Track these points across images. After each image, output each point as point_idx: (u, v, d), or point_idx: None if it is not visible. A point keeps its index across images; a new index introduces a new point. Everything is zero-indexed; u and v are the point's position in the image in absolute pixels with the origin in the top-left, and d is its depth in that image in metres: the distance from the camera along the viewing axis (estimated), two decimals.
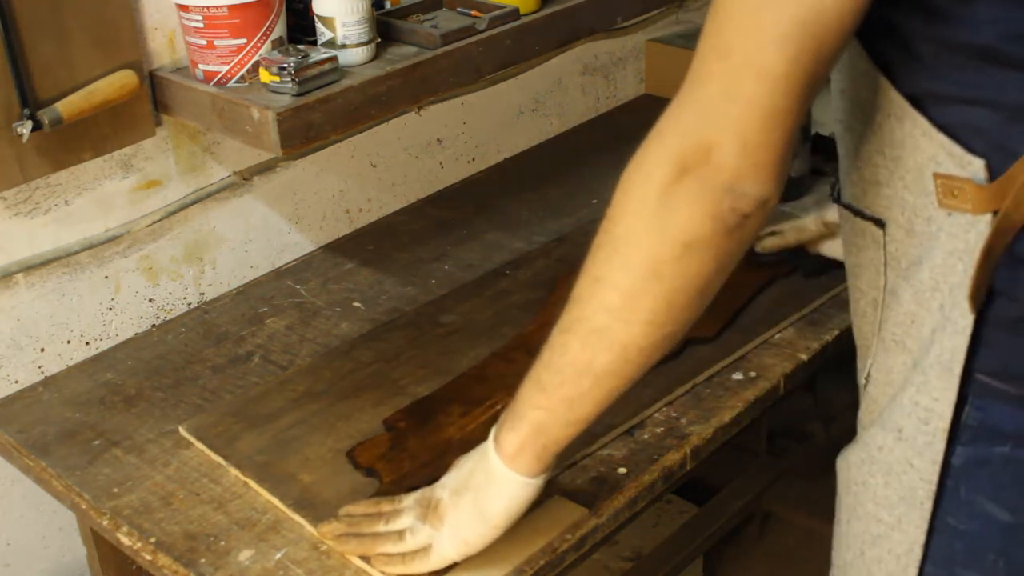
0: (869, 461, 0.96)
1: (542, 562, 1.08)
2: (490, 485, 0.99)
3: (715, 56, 0.80)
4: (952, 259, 0.86)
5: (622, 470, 1.17)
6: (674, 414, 1.25)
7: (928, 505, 0.91)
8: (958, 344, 0.87)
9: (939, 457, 0.90)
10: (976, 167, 0.83)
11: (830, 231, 1.43)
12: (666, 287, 0.85)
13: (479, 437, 1.03)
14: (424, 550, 1.02)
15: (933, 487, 0.91)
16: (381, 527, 1.06)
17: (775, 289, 1.45)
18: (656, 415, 1.26)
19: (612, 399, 0.93)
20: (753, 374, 1.31)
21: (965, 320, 0.86)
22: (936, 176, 0.85)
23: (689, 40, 2.13)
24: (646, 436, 1.23)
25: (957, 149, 0.83)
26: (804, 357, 1.33)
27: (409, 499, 1.06)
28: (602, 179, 1.81)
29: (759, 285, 1.44)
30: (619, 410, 1.24)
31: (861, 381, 1.01)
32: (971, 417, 0.89)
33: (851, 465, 0.99)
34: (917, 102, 0.85)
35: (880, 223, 0.93)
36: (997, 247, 0.84)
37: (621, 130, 1.99)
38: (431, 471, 1.13)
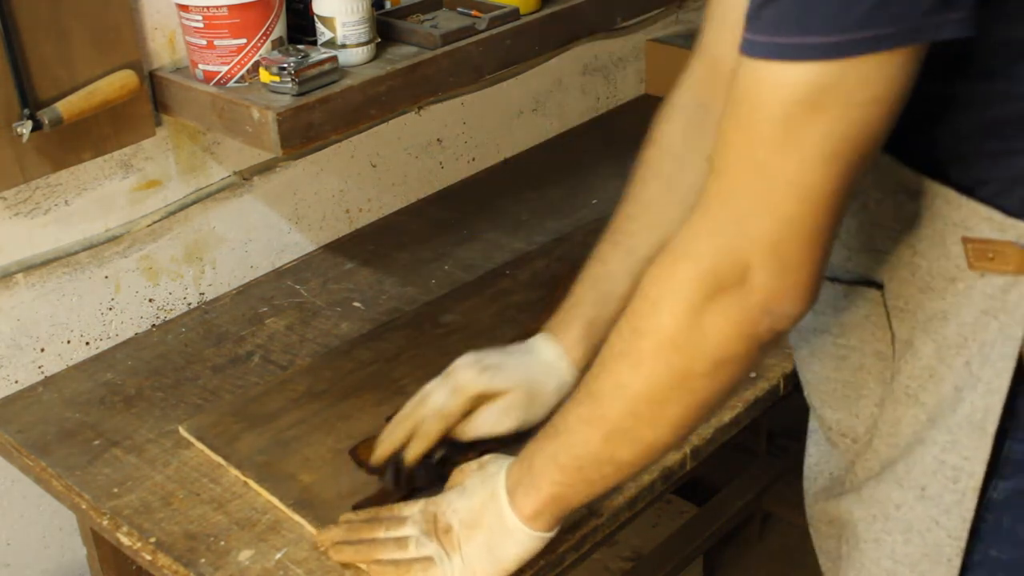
0: (883, 518, 0.94)
1: (542, 562, 1.08)
2: (505, 536, 0.99)
3: (750, 170, 0.76)
4: (986, 318, 0.84)
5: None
6: None
7: (956, 563, 0.90)
8: (992, 404, 0.85)
9: (969, 515, 0.88)
10: (1020, 230, 0.81)
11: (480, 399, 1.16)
12: (696, 398, 0.85)
13: None
14: (425, 562, 1.01)
15: (962, 544, 0.89)
16: (381, 534, 1.05)
17: None
18: None
19: (632, 478, 0.95)
20: (753, 374, 1.31)
21: (1000, 380, 0.84)
22: (967, 240, 0.83)
23: (689, 40, 2.13)
24: None
25: (997, 215, 0.81)
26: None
27: (411, 509, 1.05)
28: (602, 179, 1.81)
29: None
30: None
31: (859, 430, 0.99)
32: (1013, 451, 0.87)
33: (857, 521, 0.97)
34: (937, 169, 0.83)
35: (875, 284, 0.92)
36: None
37: (621, 130, 1.99)
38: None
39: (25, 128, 1.25)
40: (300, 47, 1.33)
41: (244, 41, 1.32)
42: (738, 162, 0.77)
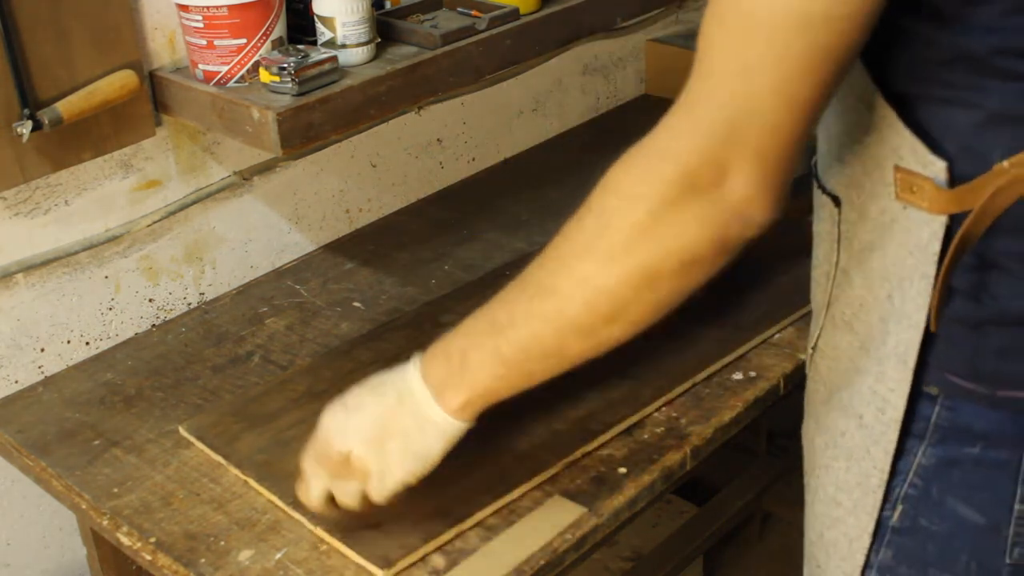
0: (833, 445, 0.98)
1: (542, 562, 1.08)
2: (427, 430, 0.99)
3: (738, 76, 0.78)
4: (903, 252, 0.86)
5: (622, 470, 1.17)
6: (674, 414, 1.25)
7: (879, 493, 0.93)
8: (912, 338, 0.87)
9: (891, 447, 0.91)
10: (937, 168, 0.83)
11: None
12: (658, 297, 0.86)
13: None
14: (363, 496, 1.03)
15: (884, 475, 0.92)
16: (313, 505, 1.06)
17: (775, 288, 1.45)
18: (656, 415, 1.26)
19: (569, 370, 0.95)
20: (753, 374, 1.31)
21: (919, 315, 0.86)
22: (897, 169, 0.85)
23: (689, 40, 2.13)
24: (646, 436, 1.23)
25: (920, 147, 0.83)
26: (804, 357, 1.33)
27: (305, 463, 1.05)
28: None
29: None
30: (619, 409, 1.25)
31: (809, 349, 1.02)
32: (941, 417, 0.90)
33: (816, 448, 1.01)
34: (890, 94, 0.85)
35: (837, 200, 0.94)
36: (959, 250, 0.84)
37: (621, 130, 1.99)
38: None
39: (25, 128, 1.25)
40: (300, 47, 1.33)
41: (244, 41, 1.32)
42: (725, 67, 0.79)
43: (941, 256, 0.84)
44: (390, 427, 1.00)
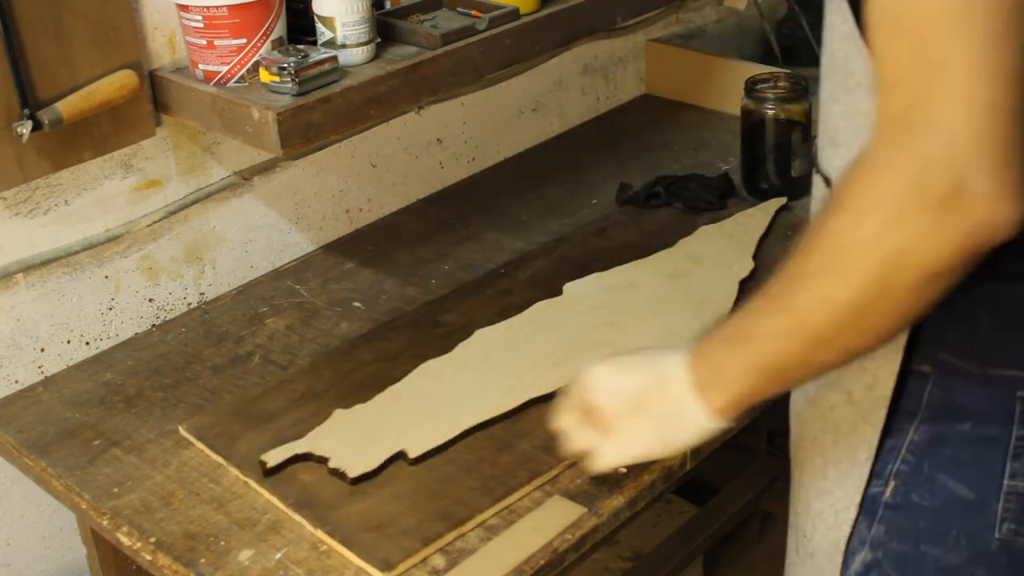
0: (820, 419, 0.99)
1: (542, 562, 1.08)
2: (681, 421, 0.98)
3: (927, 71, 0.75)
4: None
5: (622, 470, 1.17)
6: None
7: (867, 468, 0.95)
8: None
9: (880, 423, 0.93)
10: None
11: None
12: (904, 308, 0.83)
13: None
14: (587, 455, 1.04)
15: (873, 450, 0.94)
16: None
17: None
18: None
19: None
20: None
21: None
22: None
23: (689, 40, 2.13)
24: None
25: None
26: None
27: (565, 399, 1.06)
28: (602, 179, 1.81)
29: None
30: None
31: None
32: (933, 395, 0.91)
33: (804, 421, 1.02)
34: None
35: (829, 182, 0.94)
36: None
37: (621, 130, 1.99)
38: None
39: (25, 128, 1.25)
40: (300, 47, 1.33)
41: (244, 41, 1.32)
42: (914, 69, 0.76)
43: None
44: (647, 402, 0.99)
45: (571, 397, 1.06)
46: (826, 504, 1.00)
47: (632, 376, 1.02)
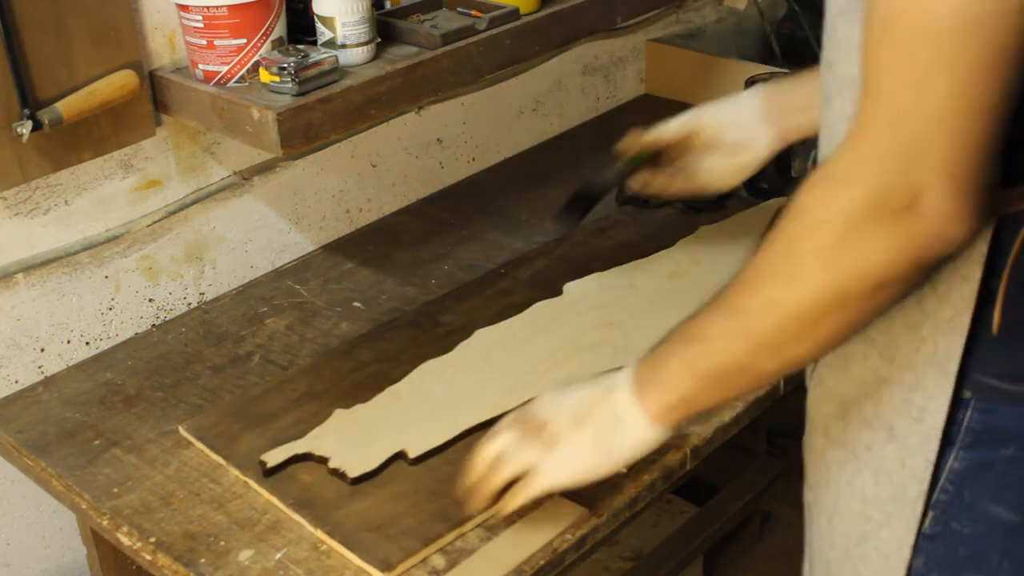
0: (854, 459, 0.95)
1: (542, 562, 1.08)
2: (621, 430, 0.97)
3: (910, 90, 0.76)
4: None
5: (622, 470, 1.17)
6: None
7: (920, 504, 0.91)
8: (953, 344, 0.86)
9: (932, 456, 0.90)
10: None
11: (696, 143, 1.29)
12: (849, 317, 0.84)
13: None
14: (527, 473, 1.02)
15: (925, 486, 0.91)
16: (479, 462, 1.05)
17: None
18: None
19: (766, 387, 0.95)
20: None
21: (960, 319, 0.85)
22: None
23: (689, 40, 2.13)
24: None
25: None
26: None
27: (506, 419, 1.05)
28: None
29: None
30: None
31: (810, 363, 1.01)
32: (974, 421, 0.89)
33: (830, 464, 0.98)
34: None
35: None
36: (1003, 251, 0.83)
37: (621, 130, 1.98)
38: None
39: (25, 128, 1.25)
40: (300, 47, 1.33)
41: (244, 41, 1.32)
42: (897, 83, 0.76)
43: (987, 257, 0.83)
44: (591, 413, 0.99)
45: (511, 418, 1.05)
46: (871, 547, 0.96)
47: (578, 391, 1.02)
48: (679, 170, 1.31)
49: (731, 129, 1.26)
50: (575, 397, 1.01)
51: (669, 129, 1.29)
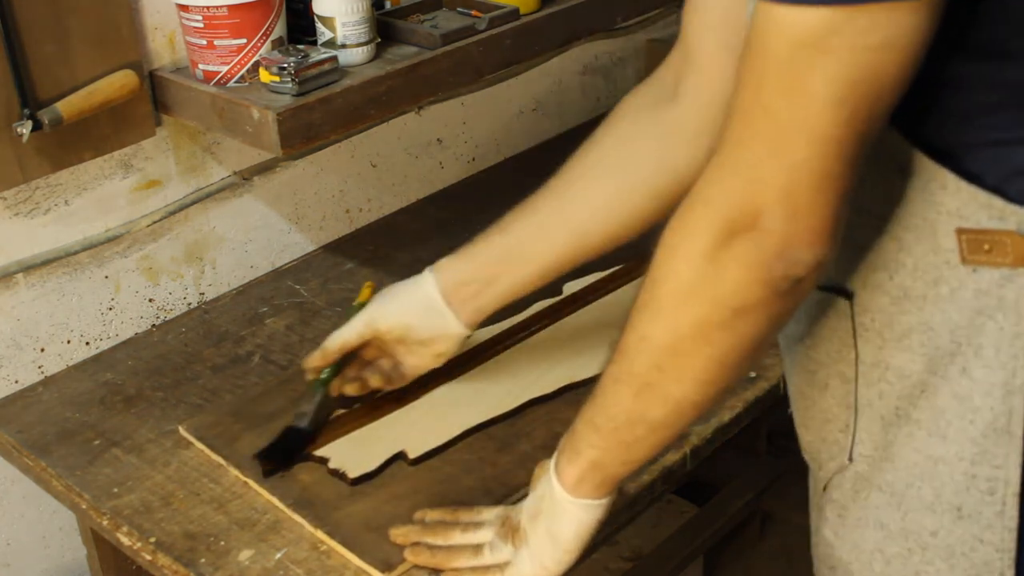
0: (921, 549, 0.89)
1: None
2: (556, 512, 0.98)
3: (759, 114, 0.75)
4: (981, 318, 0.81)
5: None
6: None
7: (1010, 575, 0.86)
8: (1015, 405, 0.82)
9: (1013, 524, 0.84)
10: (1021, 217, 0.78)
11: (387, 340, 1.23)
12: (716, 350, 0.82)
13: None
14: (499, 567, 1.02)
15: (1012, 555, 0.85)
16: (457, 538, 1.06)
17: None
18: None
19: (668, 444, 0.92)
20: (753, 374, 1.31)
21: (1017, 379, 0.81)
22: (961, 231, 0.80)
23: None
24: None
25: (997, 201, 0.78)
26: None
27: (490, 514, 1.06)
28: None
29: None
30: None
31: (843, 461, 0.93)
32: None
33: (890, 559, 0.91)
34: (937, 154, 0.80)
35: (844, 292, 0.89)
36: None
37: None
38: None
39: (25, 128, 1.25)
40: (300, 47, 1.33)
41: (244, 41, 1.32)
42: (748, 106, 0.76)
43: None
44: (540, 507, 1.00)
45: (504, 511, 1.06)
46: None
47: (537, 487, 1.02)
48: (377, 368, 1.25)
49: (415, 326, 1.20)
50: (534, 494, 1.01)
51: (350, 337, 1.22)
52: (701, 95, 1.06)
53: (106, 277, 1.47)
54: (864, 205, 0.84)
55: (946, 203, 0.80)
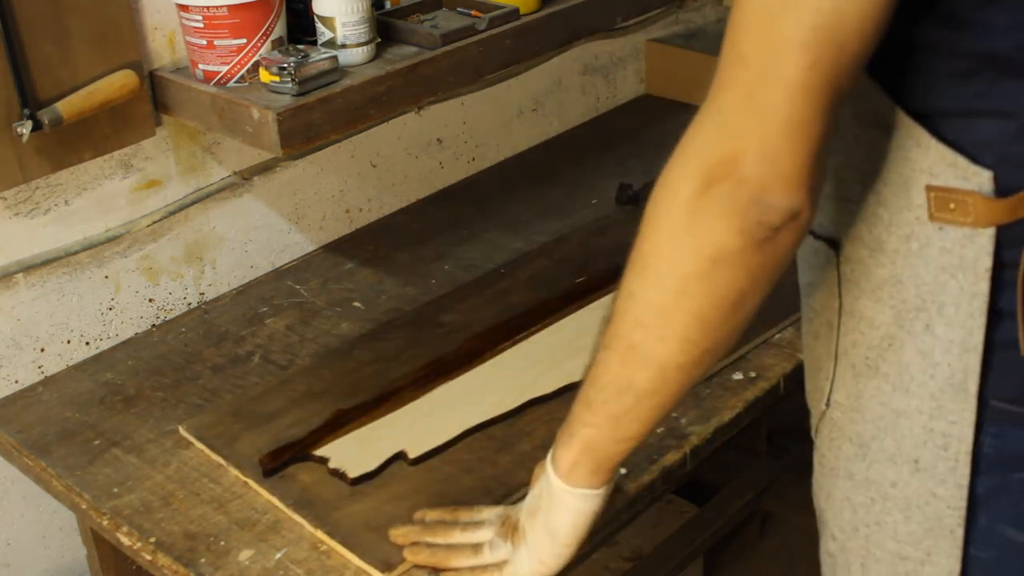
0: (882, 499, 0.92)
1: None
2: (553, 504, 0.98)
3: (735, 64, 0.78)
4: (944, 275, 0.83)
5: (622, 470, 1.17)
6: (674, 414, 1.25)
7: (959, 532, 0.89)
8: (970, 364, 0.84)
9: (964, 481, 0.87)
10: (983, 179, 0.80)
11: None
12: (696, 303, 0.82)
13: None
14: (498, 566, 1.02)
15: (962, 513, 0.88)
16: (457, 537, 1.06)
17: (775, 289, 1.45)
18: None
19: (658, 418, 0.92)
20: (753, 374, 1.31)
21: (973, 338, 0.83)
22: (929, 188, 0.82)
23: (689, 40, 2.13)
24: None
25: (961, 160, 0.81)
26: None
27: (490, 513, 1.06)
28: (602, 179, 1.81)
29: None
30: None
31: (821, 407, 0.97)
32: (988, 445, 0.87)
33: (856, 507, 0.95)
34: (915, 116, 0.82)
35: (834, 243, 0.91)
36: (1008, 265, 0.82)
37: (621, 130, 1.99)
38: None
39: (25, 128, 1.25)
40: (300, 47, 1.33)
41: (244, 41, 1.32)
42: (727, 58, 0.79)
43: (992, 271, 0.81)
44: (539, 502, 1.00)
45: (504, 509, 1.06)
46: None
47: (537, 481, 1.01)
48: None
49: None
50: (534, 488, 1.01)
51: None
52: None
53: (106, 277, 1.47)
54: (852, 161, 0.87)
55: (919, 160, 0.83)
